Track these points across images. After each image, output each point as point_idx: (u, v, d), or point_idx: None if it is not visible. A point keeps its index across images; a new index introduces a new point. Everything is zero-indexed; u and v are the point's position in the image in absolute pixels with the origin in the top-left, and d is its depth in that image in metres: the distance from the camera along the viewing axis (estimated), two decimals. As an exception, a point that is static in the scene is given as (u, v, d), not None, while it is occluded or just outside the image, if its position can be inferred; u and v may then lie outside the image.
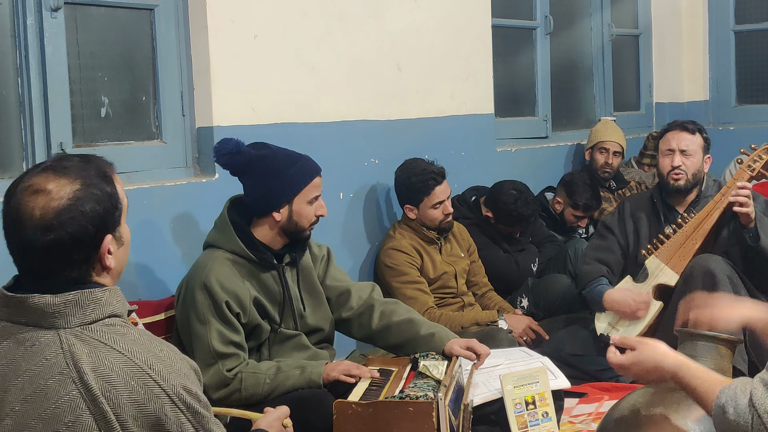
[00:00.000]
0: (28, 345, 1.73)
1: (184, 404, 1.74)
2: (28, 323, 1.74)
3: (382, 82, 4.40)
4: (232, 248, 3.06)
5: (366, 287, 3.37)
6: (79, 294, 1.74)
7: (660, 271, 4.04)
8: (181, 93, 3.68)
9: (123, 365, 1.71)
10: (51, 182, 1.74)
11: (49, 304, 1.72)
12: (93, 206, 1.75)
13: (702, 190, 4.20)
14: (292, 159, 3.12)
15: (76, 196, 1.74)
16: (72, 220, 1.72)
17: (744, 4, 6.66)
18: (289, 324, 3.16)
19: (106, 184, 1.79)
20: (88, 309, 1.74)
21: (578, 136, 5.91)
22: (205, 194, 3.62)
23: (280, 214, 3.09)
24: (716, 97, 6.73)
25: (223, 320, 2.97)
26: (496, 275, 4.55)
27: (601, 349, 4.15)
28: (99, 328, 1.74)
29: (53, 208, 1.72)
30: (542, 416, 3.24)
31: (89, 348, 1.71)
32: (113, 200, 1.79)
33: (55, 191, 1.73)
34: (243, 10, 3.74)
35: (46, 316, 1.73)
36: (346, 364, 3.07)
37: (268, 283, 3.10)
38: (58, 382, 1.70)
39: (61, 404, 1.69)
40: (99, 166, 1.81)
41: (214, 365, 2.95)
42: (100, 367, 1.70)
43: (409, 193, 4.20)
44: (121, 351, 1.72)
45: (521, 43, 5.67)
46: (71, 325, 1.73)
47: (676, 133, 4.17)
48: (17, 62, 3.20)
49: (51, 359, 1.71)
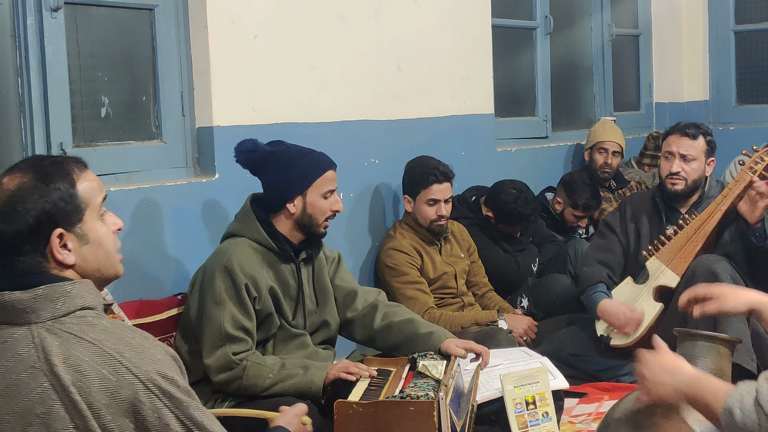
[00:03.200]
0: (1, 342, 1.75)
1: (158, 389, 1.73)
2: (2, 321, 1.77)
3: (382, 82, 4.40)
4: (254, 237, 3.12)
5: (372, 291, 3.43)
6: (48, 288, 1.76)
7: (661, 272, 4.03)
8: (181, 93, 3.68)
9: (93, 354, 1.72)
10: (6, 177, 1.81)
11: (19, 299, 1.75)
12: (36, 199, 1.77)
13: (705, 191, 4.19)
14: (304, 152, 3.19)
15: (20, 189, 1.78)
16: (12, 212, 1.76)
17: (744, 4, 6.66)
18: (299, 320, 3.19)
19: (61, 181, 1.81)
20: (58, 302, 1.76)
21: (578, 136, 5.91)
22: (205, 194, 3.62)
23: (295, 206, 3.14)
24: (716, 97, 6.73)
25: (239, 303, 3.01)
26: (496, 275, 4.55)
27: (601, 350, 4.16)
28: (69, 320, 1.76)
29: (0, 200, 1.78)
30: (542, 416, 3.24)
31: (60, 340, 1.73)
32: (65, 194, 1.80)
33: (5, 184, 1.79)
34: (243, 10, 3.74)
35: (17, 312, 1.75)
36: (344, 362, 3.09)
37: (285, 276, 3.15)
38: (29, 376, 1.71)
39: (33, 397, 1.71)
40: (59, 162, 1.85)
41: (221, 347, 2.98)
42: (70, 357, 1.71)
43: (410, 182, 4.22)
44: (90, 341, 1.73)
45: (521, 43, 5.67)
46: (42, 319, 1.75)
47: (677, 138, 4.16)
48: (17, 62, 3.20)
49: (23, 354, 1.73)
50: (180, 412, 1.75)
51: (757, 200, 3.80)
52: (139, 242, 3.37)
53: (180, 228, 3.53)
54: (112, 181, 3.40)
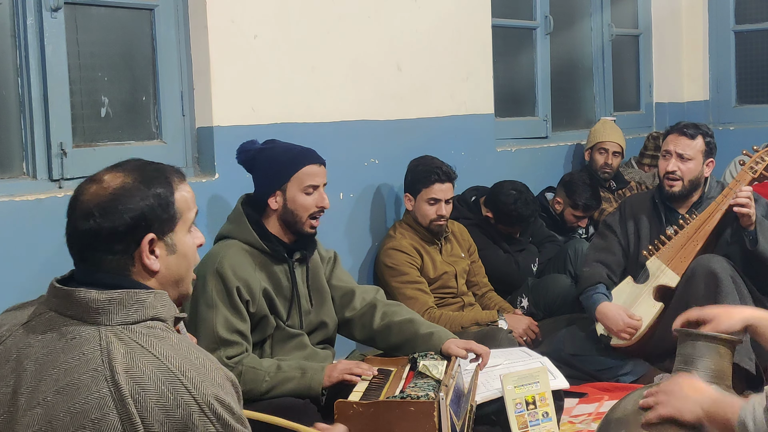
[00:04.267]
0: (69, 338, 1.74)
1: (213, 414, 1.72)
2: (73, 316, 1.76)
3: (382, 82, 4.40)
4: (245, 238, 3.11)
5: (370, 290, 3.41)
6: (124, 293, 1.75)
7: (661, 272, 4.03)
8: (181, 93, 3.68)
9: (156, 369, 1.71)
10: (108, 174, 1.81)
11: (94, 299, 1.74)
12: (137, 201, 1.78)
13: (705, 191, 4.19)
14: (289, 148, 3.20)
15: (123, 188, 1.79)
16: (112, 210, 1.76)
17: (744, 4, 6.66)
18: (294, 320, 3.17)
19: (161, 186, 1.83)
20: (131, 309, 1.75)
21: (578, 136, 5.91)
22: (205, 194, 3.62)
23: (276, 202, 3.14)
24: (716, 97, 6.73)
25: (231, 307, 3.00)
26: (496, 275, 4.55)
27: (601, 350, 4.15)
28: (139, 329, 1.75)
29: (99, 196, 1.78)
30: (542, 416, 3.24)
31: (126, 348, 1.72)
32: (163, 202, 1.82)
33: (107, 181, 1.80)
34: (243, 10, 3.74)
35: (90, 311, 1.74)
36: (345, 363, 3.07)
37: (279, 277, 3.13)
38: (91, 378, 1.70)
39: (91, 400, 1.69)
40: (162, 169, 1.87)
41: (215, 351, 2.96)
42: (133, 368, 1.70)
43: (412, 180, 4.22)
44: (156, 354, 1.72)
45: (521, 43, 5.67)
46: (113, 323, 1.74)
47: (675, 137, 4.16)
48: (17, 62, 3.20)
49: (88, 354, 1.72)
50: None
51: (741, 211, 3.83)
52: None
53: (180, 228, 3.52)
54: (112, 181, 3.40)
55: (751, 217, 3.84)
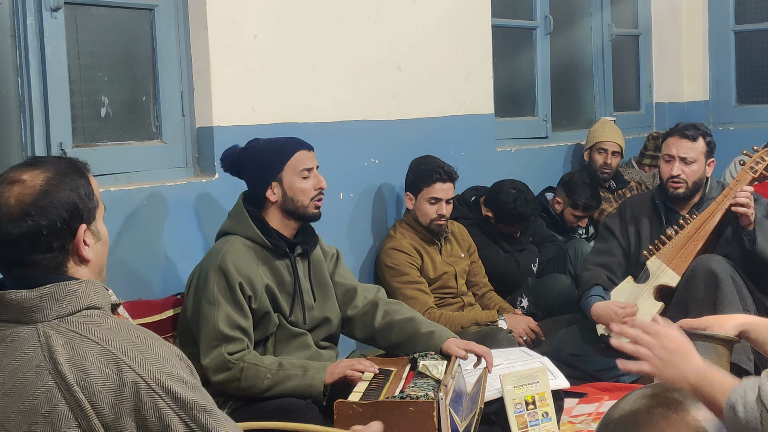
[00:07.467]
0: (9, 341, 1.76)
1: (162, 388, 1.72)
2: (9, 320, 1.77)
3: (382, 82, 4.40)
4: (247, 234, 3.11)
5: (372, 288, 3.41)
6: (54, 287, 1.76)
7: (661, 272, 4.03)
8: (181, 93, 3.68)
9: (97, 353, 1.72)
10: (26, 173, 1.80)
11: (26, 298, 1.75)
12: (67, 193, 1.79)
13: (705, 192, 4.19)
14: (273, 141, 3.23)
15: (50, 183, 1.78)
16: (48, 205, 1.77)
17: (744, 4, 6.66)
18: (297, 316, 3.17)
19: (79, 177, 1.83)
20: (65, 301, 1.76)
21: (578, 136, 5.91)
22: (205, 194, 3.62)
23: (274, 194, 3.15)
24: (716, 97, 6.73)
25: (233, 303, 3.00)
26: (496, 275, 4.55)
27: (601, 350, 4.16)
28: (76, 319, 1.76)
29: (28, 195, 1.77)
30: (542, 416, 3.24)
31: (65, 339, 1.73)
32: (86, 191, 1.83)
33: (29, 180, 1.78)
34: (243, 10, 3.74)
35: (24, 310, 1.75)
36: (346, 361, 3.08)
37: (281, 272, 3.14)
38: (35, 375, 1.72)
39: (38, 396, 1.71)
40: (73, 161, 1.87)
41: (217, 347, 2.97)
42: (75, 356, 1.71)
43: (413, 179, 4.22)
44: (95, 340, 1.74)
45: (521, 43, 5.67)
46: (48, 318, 1.75)
47: (676, 140, 4.14)
48: (17, 62, 3.20)
49: (29, 353, 1.73)
50: (184, 412, 1.74)
51: (739, 211, 3.83)
52: (138, 242, 3.37)
53: (180, 228, 3.53)
54: (112, 181, 3.41)
55: (750, 217, 3.84)
